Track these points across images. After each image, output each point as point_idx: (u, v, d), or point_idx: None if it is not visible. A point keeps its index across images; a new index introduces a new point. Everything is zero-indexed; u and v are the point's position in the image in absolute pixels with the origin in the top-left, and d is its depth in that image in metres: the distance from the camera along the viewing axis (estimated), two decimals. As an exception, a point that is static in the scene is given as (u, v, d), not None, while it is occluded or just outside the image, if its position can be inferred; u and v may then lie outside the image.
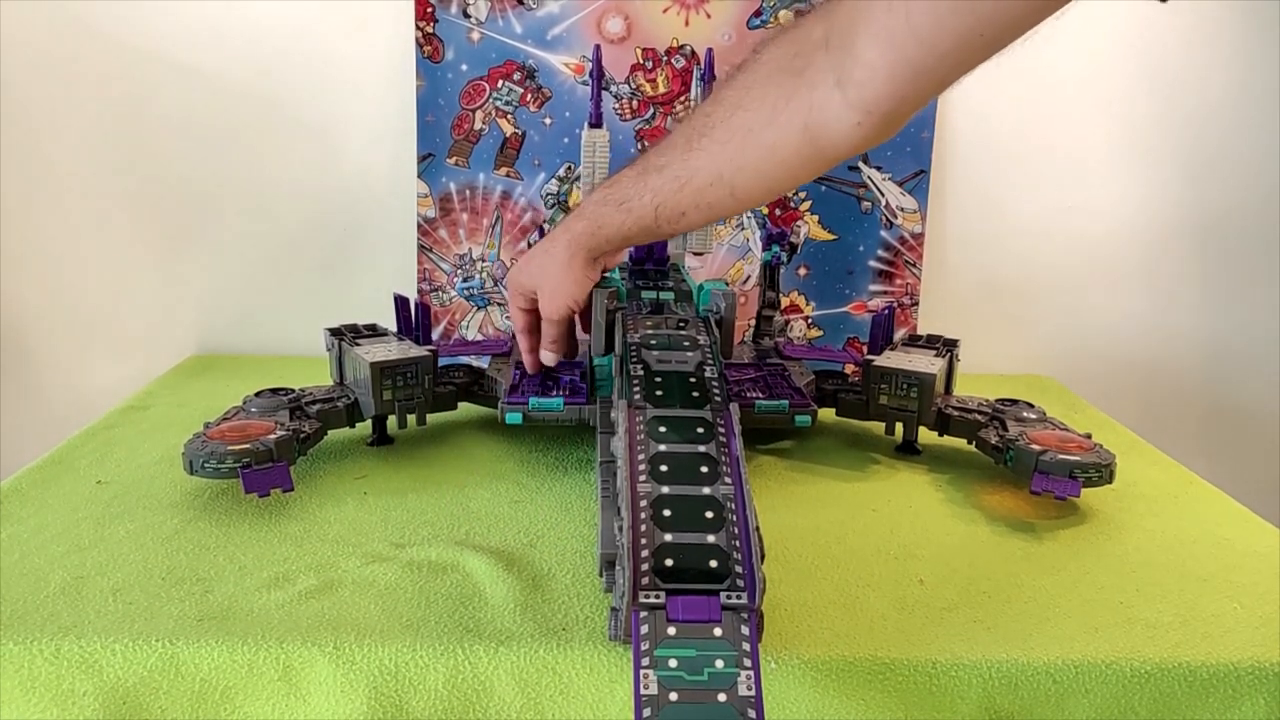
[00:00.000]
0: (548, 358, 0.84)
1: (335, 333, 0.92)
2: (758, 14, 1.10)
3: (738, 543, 0.53)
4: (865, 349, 0.99)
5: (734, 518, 0.55)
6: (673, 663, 0.49)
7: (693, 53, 1.11)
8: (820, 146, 0.64)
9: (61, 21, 1.10)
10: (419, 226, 1.14)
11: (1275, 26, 1.15)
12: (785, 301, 1.16)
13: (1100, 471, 0.78)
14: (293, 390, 0.87)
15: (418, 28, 1.09)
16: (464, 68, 1.10)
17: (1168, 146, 1.19)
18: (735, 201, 0.70)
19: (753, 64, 0.67)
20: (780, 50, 0.65)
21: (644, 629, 0.50)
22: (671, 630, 0.50)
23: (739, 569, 0.52)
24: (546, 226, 1.14)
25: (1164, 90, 1.17)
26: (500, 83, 1.11)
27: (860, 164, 1.14)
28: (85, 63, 1.11)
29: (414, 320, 0.95)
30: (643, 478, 0.57)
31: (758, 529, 0.54)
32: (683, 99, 1.12)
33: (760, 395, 0.89)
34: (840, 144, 0.63)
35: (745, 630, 0.50)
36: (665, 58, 1.11)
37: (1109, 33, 1.15)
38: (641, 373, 0.66)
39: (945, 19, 0.56)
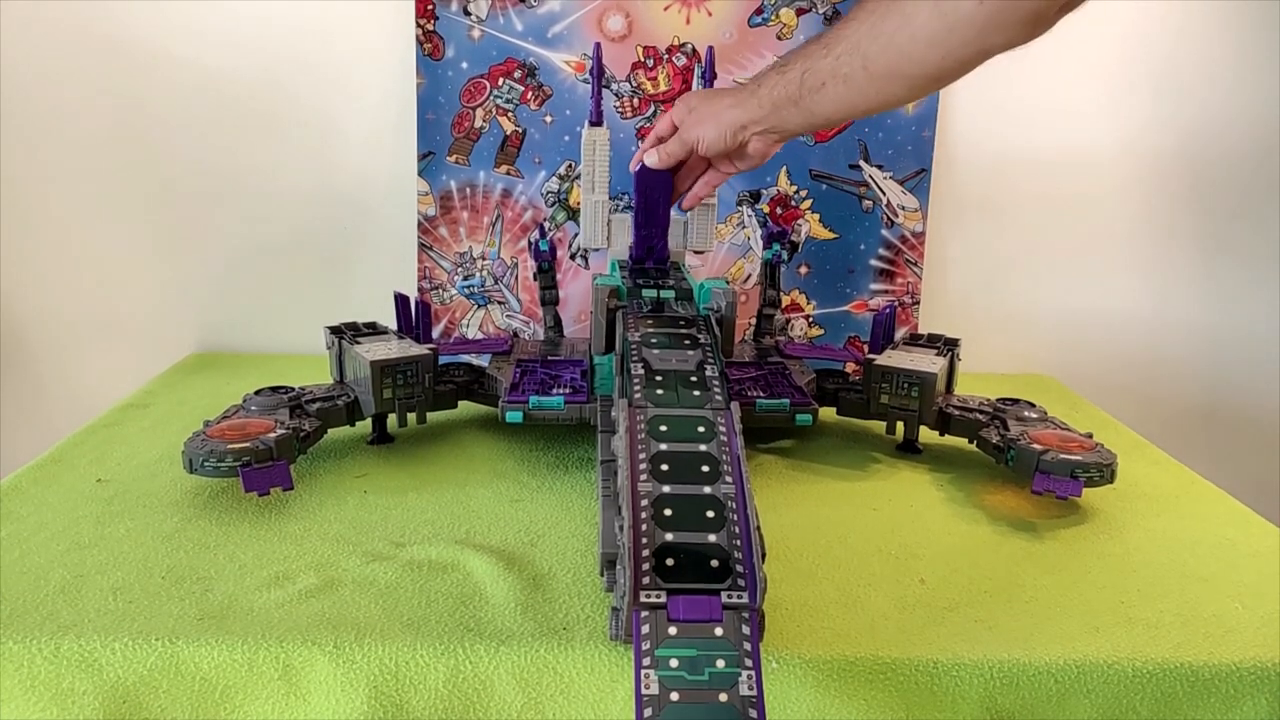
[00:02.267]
0: (650, 157, 0.88)
1: (335, 331, 0.92)
2: (759, 12, 1.10)
3: (739, 542, 0.53)
4: (866, 348, 0.99)
5: (735, 517, 0.55)
6: (674, 662, 0.49)
7: (694, 51, 1.11)
8: (948, 23, 0.65)
9: (61, 21, 1.10)
10: (419, 225, 1.14)
11: (1276, 23, 1.15)
12: (786, 300, 1.16)
13: (1101, 471, 0.77)
14: (293, 388, 0.87)
15: (418, 25, 1.09)
16: (464, 65, 1.10)
17: (1169, 146, 1.19)
18: (867, 76, 0.71)
19: None
20: None
21: (645, 628, 0.50)
22: (672, 630, 0.50)
23: (740, 568, 0.52)
24: (547, 225, 1.13)
25: (1165, 89, 1.17)
26: (501, 81, 1.11)
27: (861, 162, 1.13)
28: (85, 62, 1.11)
29: (414, 318, 0.95)
30: (643, 477, 0.57)
31: (759, 528, 0.54)
32: (684, 97, 1.12)
33: (761, 394, 0.88)
34: (965, 23, 0.64)
35: (746, 630, 0.50)
36: (666, 56, 1.11)
37: (1110, 31, 1.15)
38: (642, 371, 0.66)
39: None
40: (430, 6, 1.09)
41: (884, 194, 1.15)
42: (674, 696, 0.48)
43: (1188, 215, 1.21)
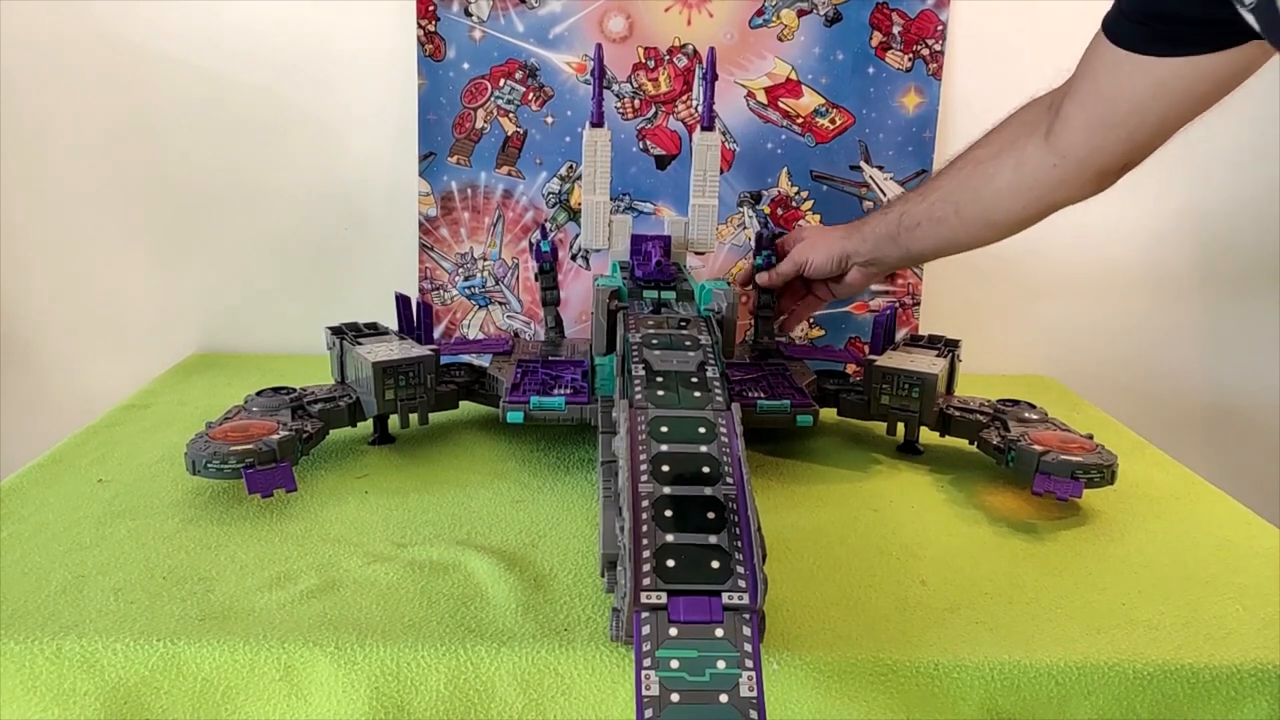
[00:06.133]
0: (762, 278, 1.01)
1: (336, 331, 0.92)
2: (760, 13, 1.10)
3: (739, 543, 0.53)
4: (867, 349, 0.99)
5: (736, 518, 0.55)
6: (674, 663, 0.49)
7: (695, 52, 1.11)
8: (1027, 182, 0.79)
9: (63, 21, 1.10)
10: (420, 225, 1.14)
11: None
12: (787, 301, 1.16)
13: (1102, 472, 0.77)
14: (294, 389, 0.87)
15: (419, 26, 1.09)
16: (466, 66, 1.10)
17: (1168, 147, 1.18)
18: (959, 220, 0.84)
19: (1006, 118, 0.84)
20: (1024, 108, 0.83)
21: (645, 629, 0.50)
22: (673, 631, 0.50)
23: (740, 569, 0.52)
24: (548, 225, 1.14)
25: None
26: (502, 81, 1.11)
27: (862, 164, 1.13)
28: (87, 62, 1.11)
29: (415, 319, 0.95)
30: (644, 478, 0.57)
31: (759, 529, 0.54)
32: (684, 98, 1.12)
33: (762, 395, 0.88)
34: (1040, 183, 0.79)
35: (747, 631, 0.50)
36: (667, 57, 1.11)
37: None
38: (643, 372, 0.66)
39: (1125, 84, 0.71)
40: (431, 7, 1.09)
41: (885, 195, 1.15)
42: (674, 698, 0.48)
43: (1188, 216, 1.21)
